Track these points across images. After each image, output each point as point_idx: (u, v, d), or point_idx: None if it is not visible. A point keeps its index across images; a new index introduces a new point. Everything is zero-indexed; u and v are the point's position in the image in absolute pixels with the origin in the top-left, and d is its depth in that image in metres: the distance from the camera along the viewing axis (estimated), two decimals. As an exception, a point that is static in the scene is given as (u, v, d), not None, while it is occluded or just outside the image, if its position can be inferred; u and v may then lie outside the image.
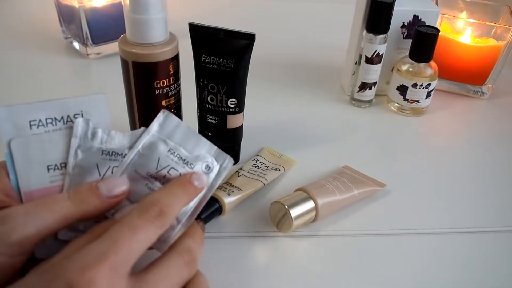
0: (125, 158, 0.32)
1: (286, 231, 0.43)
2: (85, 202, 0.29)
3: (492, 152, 0.58)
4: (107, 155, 0.32)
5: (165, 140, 0.33)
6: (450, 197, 0.50)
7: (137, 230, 0.27)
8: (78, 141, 0.32)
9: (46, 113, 0.31)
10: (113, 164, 0.32)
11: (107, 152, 0.32)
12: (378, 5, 0.58)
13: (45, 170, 0.31)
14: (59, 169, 0.31)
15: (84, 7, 0.66)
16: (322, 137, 0.58)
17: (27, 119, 0.31)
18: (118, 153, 0.32)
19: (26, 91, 0.63)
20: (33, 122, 0.31)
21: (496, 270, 0.42)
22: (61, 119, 0.32)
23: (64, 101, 0.32)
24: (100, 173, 0.32)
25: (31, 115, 0.31)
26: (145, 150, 0.33)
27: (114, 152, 0.32)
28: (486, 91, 0.69)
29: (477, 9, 0.70)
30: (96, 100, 0.33)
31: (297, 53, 0.79)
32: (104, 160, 0.32)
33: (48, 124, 0.31)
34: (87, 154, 0.32)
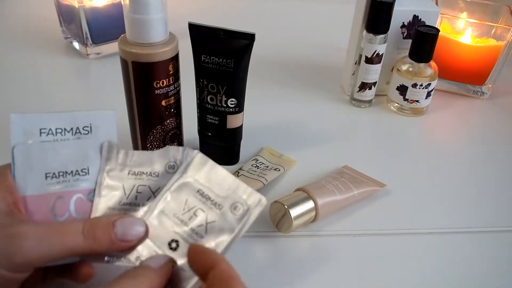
0: (158, 197, 0.32)
1: (286, 231, 0.43)
2: (97, 241, 0.29)
3: (492, 152, 0.58)
4: (133, 174, 0.33)
5: (195, 181, 0.32)
6: (450, 197, 0.50)
7: None
8: (105, 165, 0.33)
9: (56, 123, 0.33)
10: (138, 183, 0.33)
11: (133, 172, 0.33)
12: (378, 5, 0.58)
13: (43, 177, 0.32)
14: (56, 177, 0.32)
15: (84, 7, 0.66)
16: (322, 137, 0.58)
17: (38, 127, 0.32)
18: (143, 172, 0.33)
19: (26, 91, 0.63)
20: (43, 130, 0.32)
21: (496, 270, 0.42)
22: (70, 130, 0.33)
23: (75, 113, 0.33)
24: (125, 192, 0.33)
25: (42, 124, 0.32)
26: (174, 191, 0.32)
27: (140, 172, 0.33)
28: (486, 91, 0.69)
29: (477, 9, 0.70)
30: (105, 116, 0.34)
31: (297, 53, 0.79)
32: (129, 180, 0.33)
33: (57, 133, 0.33)
34: (114, 175, 0.33)
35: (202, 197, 0.32)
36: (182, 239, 0.31)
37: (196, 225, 0.31)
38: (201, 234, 0.31)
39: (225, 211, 0.31)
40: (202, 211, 0.31)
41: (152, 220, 0.32)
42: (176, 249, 0.31)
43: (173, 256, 0.30)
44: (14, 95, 0.62)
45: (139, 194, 0.33)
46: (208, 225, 0.31)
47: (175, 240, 0.31)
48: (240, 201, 0.31)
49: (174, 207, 0.32)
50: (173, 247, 0.31)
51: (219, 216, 0.31)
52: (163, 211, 0.32)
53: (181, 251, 0.30)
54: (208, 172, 0.32)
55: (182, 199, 0.32)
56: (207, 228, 0.31)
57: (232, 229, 0.31)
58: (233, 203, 0.31)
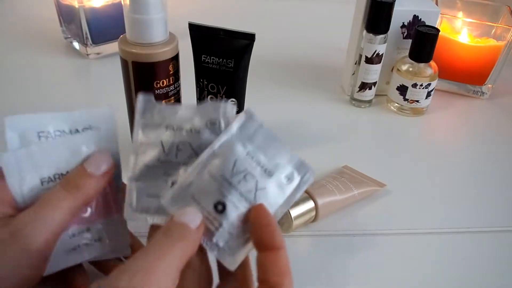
0: (198, 158, 0.29)
1: (286, 231, 0.42)
2: (81, 187, 0.28)
3: (492, 152, 0.58)
4: (172, 129, 0.30)
5: (244, 143, 0.30)
6: (450, 197, 0.50)
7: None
8: (141, 118, 0.30)
9: (54, 125, 0.30)
10: (178, 139, 0.30)
11: (172, 127, 0.30)
12: (378, 5, 0.58)
13: (38, 183, 0.30)
14: (52, 181, 0.30)
15: (84, 7, 0.66)
16: (322, 137, 0.58)
17: (35, 130, 0.30)
18: (182, 128, 0.30)
19: (26, 91, 0.63)
20: (41, 134, 0.30)
21: (496, 270, 0.42)
22: (69, 132, 0.31)
23: (73, 113, 0.31)
24: (164, 149, 0.30)
25: (40, 126, 0.30)
26: (221, 150, 0.29)
27: (179, 127, 0.30)
28: (486, 91, 0.69)
29: (477, 9, 0.70)
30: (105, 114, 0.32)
31: (297, 53, 0.79)
32: (168, 136, 0.30)
33: (56, 136, 0.30)
34: (150, 130, 0.30)
35: (252, 161, 0.29)
36: (230, 202, 0.29)
37: (246, 190, 0.29)
38: (250, 199, 0.29)
39: (278, 178, 0.30)
40: (251, 176, 0.29)
41: (196, 179, 0.29)
42: (222, 212, 0.28)
43: (225, 217, 0.29)
44: (14, 95, 0.62)
45: (179, 151, 0.30)
46: (257, 191, 0.29)
47: (222, 203, 0.29)
48: (292, 173, 0.30)
49: (221, 167, 0.29)
50: (219, 210, 0.29)
51: (270, 183, 0.29)
52: (209, 170, 0.29)
53: (227, 214, 0.28)
54: (257, 133, 0.30)
55: (230, 160, 0.29)
56: (256, 194, 0.29)
57: (283, 198, 0.30)
58: (287, 174, 0.30)
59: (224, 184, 0.29)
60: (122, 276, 0.23)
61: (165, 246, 0.25)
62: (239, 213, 0.28)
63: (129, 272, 0.23)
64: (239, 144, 0.30)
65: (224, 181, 0.29)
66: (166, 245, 0.25)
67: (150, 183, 0.29)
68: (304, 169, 0.31)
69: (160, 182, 0.29)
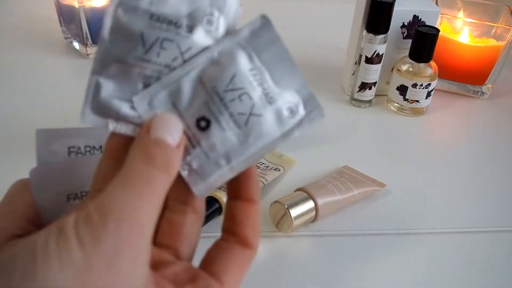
0: (194, 60, 0.24)
1: (286, 231, 0.43)
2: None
3: (492, 152, 0.58)
4: (157, 21, 0.24)
5: (251, 54, 0.24)
6: (450, 197, 0.50)
7: None
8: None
9: (85, 141, 0.29)
10: (163, 36, 0.24)
11: (157, 18, 0.24)
12: (378, 5, 0.58)
13: (65, 200, 0.28)
14: (79, 198, 0.28)
15: (84, 7, 0.66)
16: (322, 137, 0.58)
17: (66, 145, 0.28)
18: (172, 21, 0.24)
19: (26, 91, 0.63)
20: (72, 149, 0.28)
21: (496, 270, 0.42)
22: (99, 148, 0.29)
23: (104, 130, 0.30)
24: (145, 45, 0.23)
25: (70, 141, 0.28)
26: (220, 57, 0.24)
27: (167, 19, 0.24)
28: (486, 91, 0.69)
29: (477, 9, 0.70)
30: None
31: (297, 53, 0.79)
32: (153, 29, 0.23)
33: (86, 152, 0.29)
34: (130, 17, 0.23)
35: (253, 79, 0.24)
36: (215, 121, 0.24)
37: (237, 112, 0.24)
38: (240, 124, 0.24)
39: (277, 108, 0.25)
40: (249, 97, 0.24)
41: (182, 83, 0.24)
42: (204, 130, 0.24)
43: (205, 136, 0.24)
44: (14, 95, 0.62)
45: (162, 50, 0.24)
46: (251, 117, 0.24)
47: (206, 119, 0.24)
48: (297, 105, 0.25)
49: (216, 78, 0.24)
50: (202, 126, 0.24)
51: (268, 111, 0.24)
52: (200, 77, 0.24)
53: (210, 133, 0.24)
54: (269, 46, 0.25)
55: (228, 72, 0.24)
56: (249, 120, 0.24)
57: (279, 131, 0.25)
58: (291, 105, 0.25)
59: (214, 99, 0.24)
60: (108, 222, 0.20)
61: (148, 178, 0.21)
62: (223, 135, 0.24)
63: (114, 218, 0.20)
64: (244, 55, 0.25)
65: (215, 95, 0.24)
66: (150, 176, 0.21)
67: (120, 82, 0.24)
68: (313, 105, 0.25)
69: (132, 83, 0.24)
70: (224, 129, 0.24)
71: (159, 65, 0.24)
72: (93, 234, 0.19)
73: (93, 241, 0.19)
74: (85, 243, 0.19)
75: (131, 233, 0.20)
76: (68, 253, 0.19)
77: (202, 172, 0.24)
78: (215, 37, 0.24)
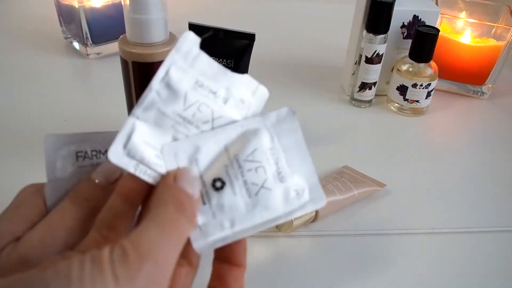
0: (224, 128, 0.27)
1: (286, 231, 0.43)
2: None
3: (492, 152, 0.58)
4: (201, 87, 0.27)
5: (273, 136, 0.28)
6: (450, 197, 0.50)
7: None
8: (178, 56, 0.26)
9: (91, 145, 0.30)
10: (202, 100, 0.27)
11: (201, 84, 0.27)
12: (378, 5, 0.58)
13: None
14: None
15: (84, 7, 0.66)
16: (322, 137, 0.58)
17: (73, 150, 0.29)
18: (212, 91, 0.27)
19: (26, 91, 0.63)
20: (79, 154, 0.29)
21: (496, 270, 0.42)
22: (105, 152, 0.30)
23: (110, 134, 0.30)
24: (185, 103, 0.26)
25: (78, 146, 0.29)
26: (248, 132, 0.27)
27: (209, 88, 0.27)
28: (486, 91, 0.69)
29: (477, 9, 0.70)
30: None
31: (297, 53, 0.79)
32: (195, 92, 0.26)
33: (93, 156, 0.29)
34: (180, 76, 0.26)
35: (271, 157, 0.27)
36: (230, 184, 0.26)
37: (251, 181, 0.26)
38: (251, 193, 0.26)
39: (286, 188, 0.27)
40: (264, 171, 0.26)
41: (209, 144, 0.26)
42: (218, 190, 0.26)
43: (217, 196, 0.26)
44: (14, 95, 0.62)
45: (198, 112, 0.26)
46: (262, 189, 0.26)
47: (222, 181, 0.26)
48: (303, 189, 0.28)
49: (239, 147, 0.26)
50: (217, 186, 0.26)
51: (278, 188, 0.27)
52: (226, 144, 0.26)
53: (222, 195, 0.26)
54: (290, 134, 0.28)
55: (251, 145, 0.26)
56: (259, 191, 0.26)
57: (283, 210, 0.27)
58: (298, 188, 0.27)
59: (234, 165, 0.26)
60: (143, 263, 0.21)
61: (179, 227, 0.23)
62: (233, 200, 0.26)
63: (150, 261, 0.21)
64: (267, 135, 0.27)
65: (235, 161, 0.26)
66: (181, 225, 0.23)
67: (153, 130, 0.26)
68: (317, 193, 0.27)
69: (163, 133, 0.26)
70: (236, 194, 0.26)
71: (191, 124, 0.26)
72: (129, 272, 0.20)
73: (129, 279, 0.20)
74: (120, 280, 0.20)
75: (162, 274, 0.21)
76: (102, 283, 0.20)
77: (206, 230, 0.25)
78: (243, 114, 0.28)
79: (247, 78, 0.28)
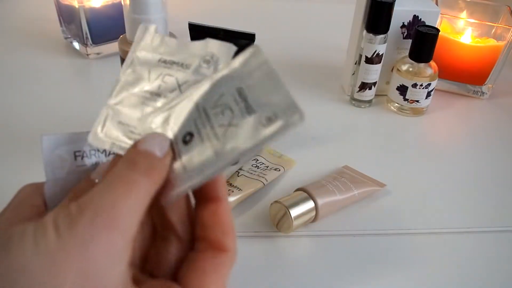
0: (195, 87, 0.27)
1: (286, 231, 0.43)
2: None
3: (492, 152, 0.58)
4: (163, 62, 0.29)
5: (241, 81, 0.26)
6: (450, 197, 0.50)
7: None
8: (142, 42, 0.29)
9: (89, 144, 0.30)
10: (165, 72, 0.28)
11: (164, 60, 0.29)
12: (378, 5, 0.58)
13: None
14: None
15: (84, 7, 0.66)
16: (322, 137, 0.58)
17: (71, 150, 0.29)
18: (174, 62, 0.29)
19: (26, 91, 0.63)
20: (78, 153, 0.29)
21: (496, 270, 0.42)
22: (103, 151, 0.30)
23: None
24: (150, 78, 0.28)
25: (76, 145, 0.29)
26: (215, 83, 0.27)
27: (172, 61, 0.29)
28: (486, 91, 0.69)
29: (477, 9, 0.70)
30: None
31: (297, 53, 0.79)
32: (158, 68, 0.29)
33: (91, 155, 0.29)
34: (144, 59, 0.29)
35: (237, 96, 0.26)
36: (197, 134, 0.26)
37: (218, 124, 0.25)
38: (218, 135, 0.25)
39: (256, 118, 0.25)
40: (230, 111, 0.25)
41: (180, 107, 0.27)
42: (187, 143, 0.26)
43: (186, 149, 0.25)
44: (14, 95, 0.62)
45: (163, 83, 0.28)
46: (230, 127, 0.25)
47: (190, 133, 0.26)
48: (276, 114, 0.26)
49: (206, 98, 0.26)
50: (186, 140, 0.26)
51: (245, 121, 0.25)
52: (197, 101, 0.27)
53: (191, 146, 0.26)
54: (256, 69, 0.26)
55: (218, 92, 0.26)
56: (228, 132, 0.25)
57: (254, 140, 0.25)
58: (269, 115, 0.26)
59: (202, 115, 0.26)
60: (85, 213, 0.21)
61: (129, 181, 0.22)
62: (201, 147, 0.25)
63: (91, 210, 0.21)
64: (233, 77, 0.27)
65: (203, 112, 0.26)
66: (131, 179, 0.22)
67: (126, 110, 0.28)
68: (293, 110, 0.25)
69: (135, 110, 0.28)
70: (203, 141, 0.25)
71: (159, 95, 0.28)
72: (69, 221, 0.20)
73: (68, 227, 0.20)
74: (60, 228, 0.20)
75: (107, 226, 0.21)
76: (43, 235, 0.20)
77: (176, 183, 0.25)
78: (209, 71, 0.28)
79: (210, 40, 0.28)
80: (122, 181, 0.22)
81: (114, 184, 0.22)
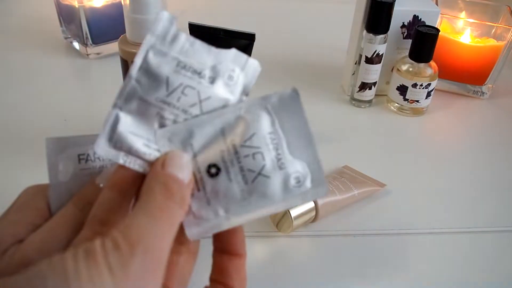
0: (222, 111, 0.25)
1: (286, 231, 0.43)
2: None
3: (492, 152, 0.58)
4: (183, 68, 0.25)
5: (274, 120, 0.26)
6: (450, 197, 0.50)
7: None
8: (154, 39, 0.25)
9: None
10: (187, 82, 0.25)
11: (183, 65, 0.25)
12: (378, 5, 0.58)
13: None
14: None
15: (84, 7, 0.66)
16: (322, 137, 0.58)
17: (75, 153, 0.29)
18: (196, 71, 0.25)
19: (26, 91, 0.63)
20: (81, 156, 0.29)
21: (496, 270, 0.42)
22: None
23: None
24: (168, 88, 0.25)
25: (80, 149, 0.29)
26: (247, 115, 0.25)
27: (192, 68, 0.25)
28: (486, 91, 0.69)
29: (477, 9, 0.70)
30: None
31: (297, 53, 0.79)
32: (178, 75, 0.25)
33: (95, 159, 0.29)
34: (159, 60, 0.25)
35: (270, 142, 0.25)
36: (225, 170, 0.25)
37: (248, 168, 0.25)
38: (247, 180, 0.25)
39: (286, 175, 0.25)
40: (262, 157, 0.25)
41: (204, 129, 0.25)
42: (213, 176, 0.25)
43: (212, 183, 0.25)
44: (14, 95, 0.62)
45: (183, 96, 0.25)
46: (259, 176, 0.25)
47: (217, 167, 0.25)
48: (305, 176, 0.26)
49: (236, 132, 0.25)
50: (212, 173, 0.25)
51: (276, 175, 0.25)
52: (223, 128, 0.25)
53: (217, 181, 0.25)
54: (293, 117, 0.26)
55: (250, 130, 0.25)
56: (256, 179, 0.25)
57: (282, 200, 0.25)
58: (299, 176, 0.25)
59: (230, 150, 0.25)
60: (135, 252, 0.21)
61: (171, 214, 0.22)
62: (228, 186, 0.24)
63: (142, 249, 0.21)
64: (268, 119, 0.25)
65: (232, 147, 0.25)
66: (172, 212, 0.22)
67: (138, 119, 0.25)
68: (319, 181, 0.25)
69: (149, 121, 0.25)
70: (231, 181, 0.25)
71: (177, 109, 0.25)
72: (121, 261, 0.20)
73: (122, 268, 0.20)
74: (114, 269, 0.20)
75: (155, 261, 0.21)
76: (99, 278, 0.20)
77: (200, 216, 0.24)
78: (233, 91, 0.26)
79: (234, 52, 0.26)
80: (162, 212, 0.22)
81: (155, 214, 0.22)
